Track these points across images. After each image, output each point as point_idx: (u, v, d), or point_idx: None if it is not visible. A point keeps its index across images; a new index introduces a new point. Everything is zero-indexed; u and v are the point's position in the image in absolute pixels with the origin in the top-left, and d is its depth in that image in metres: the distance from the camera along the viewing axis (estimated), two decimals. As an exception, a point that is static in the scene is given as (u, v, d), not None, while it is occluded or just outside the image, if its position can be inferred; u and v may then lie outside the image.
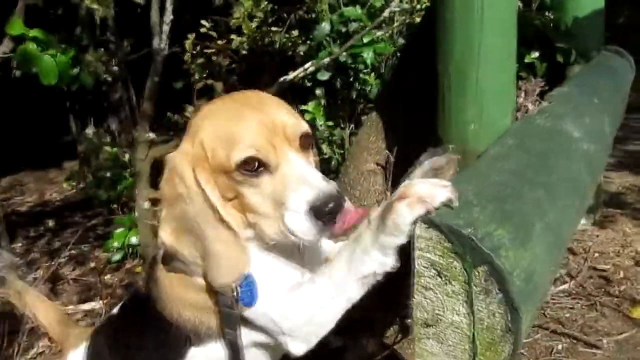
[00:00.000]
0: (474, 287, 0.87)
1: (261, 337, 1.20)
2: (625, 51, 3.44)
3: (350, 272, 1.04)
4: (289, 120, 1.12)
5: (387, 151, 1.88)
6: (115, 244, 4.26)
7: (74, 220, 5.75)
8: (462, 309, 0.89)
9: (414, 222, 0.92)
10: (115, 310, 1.47)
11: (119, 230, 4.33)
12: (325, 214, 1.03)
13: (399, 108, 1.93)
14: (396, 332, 2.23)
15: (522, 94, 1.61)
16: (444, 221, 0.87)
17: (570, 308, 2.84)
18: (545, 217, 1.08)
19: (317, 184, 1.06)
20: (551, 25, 3.48)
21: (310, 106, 3.61)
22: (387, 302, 2.08)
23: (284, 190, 1.07)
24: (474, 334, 0.90)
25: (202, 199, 1.11)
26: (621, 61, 3.19)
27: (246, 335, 1.19)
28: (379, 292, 2.09)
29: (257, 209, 1.11)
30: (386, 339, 2.29)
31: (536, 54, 3.19)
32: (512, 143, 1.29)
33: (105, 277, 4.24)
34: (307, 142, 1.15)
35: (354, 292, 1.07)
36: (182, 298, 1.22)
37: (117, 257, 4.34)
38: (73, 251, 4.79)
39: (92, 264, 4.54)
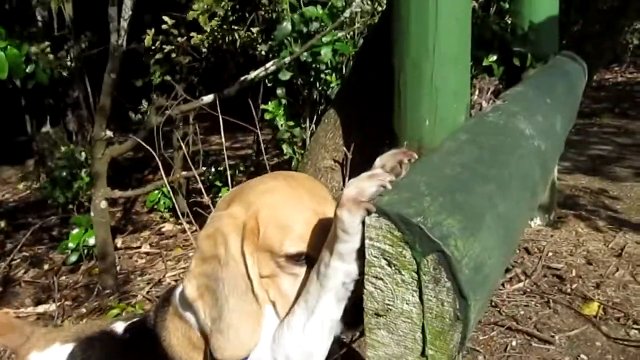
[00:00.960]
0: (423, 276, 0.88)
1: None
2: (578, 57, 3.55)
3: (321, 292, 1.04)
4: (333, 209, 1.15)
5: (344, 148, 1.88)
6: (71, 245, 4.15)
7: (28, 222, 5.58)
8: (412, 298, 0.90)
9: (362, 223, 0.93)
10: (117, 328, 1.41)
11: (75, 231, 4.23)
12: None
13: (357, 105, 1.94)
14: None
15: (477, 92, 1.64)
16: (394, 210, 0.87)
17: (525, 305, 2.90)
18: (496, 210, 1.10)
19: None
20: (508, 29, 3.57)
21: (270, 106, 3.60)
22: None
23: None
24: (423, 323, 0.90)
25: (240, 269, 1.12)
26: (575, 66, 3.29)
27: None
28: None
29: (286, 294, 1.13)
30: (344, 337, 2.29)
31: (494, 57, 3.27)
32: (465, 138, 1.31)
33: (61, 279, 4.13)
34: None
35: (332, 310, 1.06)
36: (183, 341, 1.23)
37: (73, 258, 4.23)
38: (26, 253, 4.66)
39: (47, 266, 4.41)
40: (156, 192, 5.12)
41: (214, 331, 1.12)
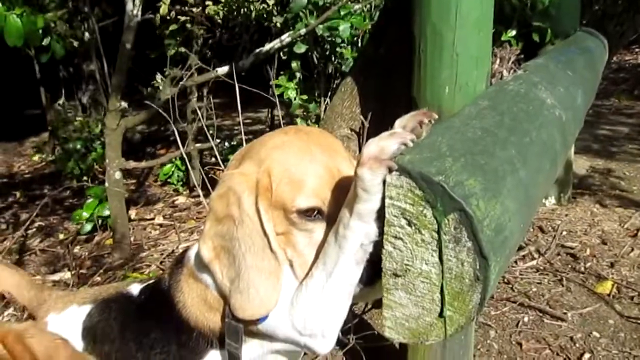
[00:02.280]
0: (444, 235, 0.87)
1: (279, 346, 1.20)
2: (599, 33, 3.48)
3: (339, 254, 1.03)
4: (350, 167, 1.13)
5: (361, 117, 1.86)
6: (85, 214, 4.19)
7: (43, 193, 5.63)
8: (432, 259, 0.89)
9: (383, 182, 0.91)
10: (132, 290, 1.42)
11: (89, 201, 4.26)
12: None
13: (374, 74, 1.91)
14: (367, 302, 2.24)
15: (497, 61, 1.61)
16: (415, 168, 0.86)
17: (538, 283, 2.90)
18: (517, 174, 1.08)
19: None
20: (528, 4, 3.50)
21: (281, 80, 3.57)
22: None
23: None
24: (442, 284, 0.90)
25: (256, 226, 1.11)
26: (596, 42, 3.22)
27: (264, 345, 1.21)
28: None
29: (302, 252, 1.11)
30: (356, 308, 2.30)
31: (513, 33, 3.22)
32: (486, 104, 1.29)
33: (75, 249, 4.18)
34: None
35: (351, 273, 1.05)
36: (198, 302, 1.22)
37: (87, 227, 4.27)
38: (42, 223, 4.72)
39: (62, 236, 4.46)
40: (169, 165, 5.14)
41: (233, 291, 1.12)
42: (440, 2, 1.40)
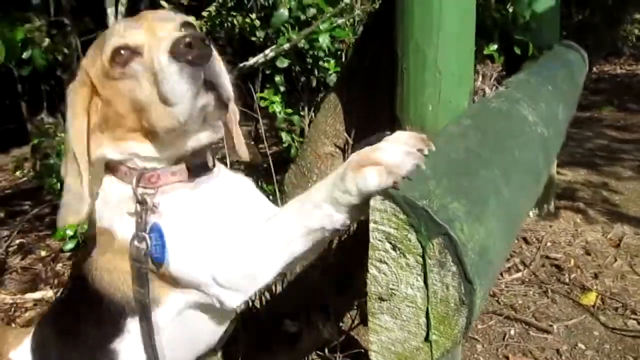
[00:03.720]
0: (429, 259, 0.86)
1: (195, 296, 1.14)
2: (579, 47, 3.53)
3: (297, 225, 1.00)
4: (165, 13, 1.13)
5: (345, 134, 1.86)
6: (69, 232, 4.12)
7: (24, 209, 5.54)
8: (417, 283, 0.88)
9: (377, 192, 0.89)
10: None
11: (71, 218, 4.20)
12: (183, 51, 0.98)
13: (357, 91, 1.91)
14: (353, 317, 2.23)
15: (480, 78, 1.62)
16: (399, 192, 0.86)
17: (523, 295, 2.90)
18: (500, 195, 1.09)
19: (174, 36, 1.02)
20: (510, 18, 3.54)
21: (266, 93, 3.57)
22: (343, 288, 2.08)
23: (150, 61, 1.03)
24: (428, 308, 0.89)
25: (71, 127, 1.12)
26: (576, 55, 3.27)
27: (179, 297, 1.15)
28: (335, 278, 2.09)
29: (140, 101, 1.07)
30: (343, 324, 2.29)
31: (495, 46, 3.24)
32: (468, 123, 1.29)
33: (58, 266, 4.11)
34: (189, 27, 1.13)
35: (299, 246, 1.03)
36: (109, 258, 1.17)
37: (70, 245, 4.19)
38: (23, 240, 4.64)
39: (44, 253, 4.39)
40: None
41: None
42: (423, 19, 1.40)
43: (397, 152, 0.89)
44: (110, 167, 1.19)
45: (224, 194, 1.21)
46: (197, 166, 1.18)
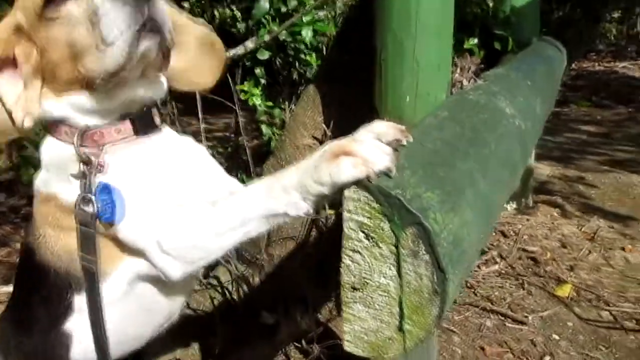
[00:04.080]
0: (402, 249, 0.86)
1: (143, 265, 1.08)
2: (559, 42, 3.57)
3: (260, 206, 0.97)
4: None
5: (324, 125, 1.86)
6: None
7: (0, 201, 5.45)
8: (390, 272, 0.88)
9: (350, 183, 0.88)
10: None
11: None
12: None
13: (336, 83, 1.91)
14: (330, 309, 2.24)
15: (458, 70, 1.62)
16: (373, 183, 0.85)
17: (500, 287, 2.94)
18: (476, 186, 1.09)
19: None
20: (490, 13, 3.56)
21: (246, 85, 3.54)
22: (320, 279, 2.08)
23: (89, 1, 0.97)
24: (401, 297, 0.89)
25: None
26: (555, 51, 3.30)
27: (128, 266, 1.09)
28: (312, 269, 2.09)
29: (78, 45, 1.00)
30: (320, 315, 2.29)
31: (475, 41, 3.26)
32: (446, 115, 1.30)
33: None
34: None
35: (256, 228, 1.00)
36: (53, 224, 1.11)
37: (45, 237, 4.14)
38: (-2, 232, 4.56)
39: (18, 245, 4.32)
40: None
41: None
42: (401, 10, 1.40)
43: (373, 147, 0.88)
44: (49, 127, 1.12)
45: (174, 155, 1.15)
46: (142, 124, 1.12)
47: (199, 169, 1.19)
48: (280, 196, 0.95)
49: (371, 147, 0.88)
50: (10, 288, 3.58)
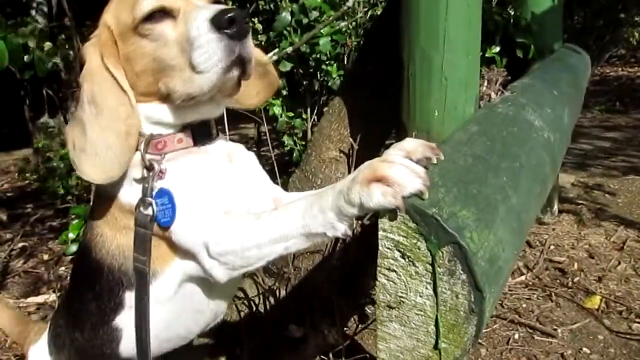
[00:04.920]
0: (438, 268, 0.86)
1: (192, 266, 1.13)
2: (581, 49, 3.54)
3: (300, 225, 0.99)
4: None
5: (350, 139, 1.86)
6: (71, 235, 4.12)
7: (26, 212, 5.55)
8: (426, 291, 0.88)
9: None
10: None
11: (75, 222, 4.19)
12: (226, 22, 1.00)
13: (362, 96, 1.92)
14: (357, 322, 2.23)
15: (485, 83, 1.62)
16: (409, 201, 0.86)
17: (527, 299, 2.90)
18: (509, 202, 1.09)
19: (216, 7, 1.03)
20: (511, 21, 3.54)
21: (268, 96, 3.57)
22: (347, 292, 2.07)
23: (184, 27, 1.04)
24: (437, 316, 0.89)
25: (106, 84, 1.09)
26: (579, 59, 3.27)
27: (179, 267, 1.14)
28: (339, 282, 2.09)
29: (165, 62, 1.07)
30: (347, 329, 2.28)
31: (497, 49, 3.24)
32: (475, 129, 1.29)
33: (60, 270, 4.11)
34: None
35: (296, 245, 1.03)
36: (112, 224, 1.16)
37: (72, 248, 4.18)
38: (25, 243, 4.64)
39: (46, 256, 4.39)
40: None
41: (78, 151, 1.09)
42: (429, 26, 1.40)
43: (404, 169, 0.88)
44: None
45: (226, 163, 1.21)
46: (201, 134, 1.19)
47: (247, 176, 1.24)
48: (318, 216, 0.97)
49: (402, 170, 0.88)
50: (38, 299, 3.63)
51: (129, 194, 1.14)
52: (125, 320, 1.20)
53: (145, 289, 1.12)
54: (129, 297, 1.17)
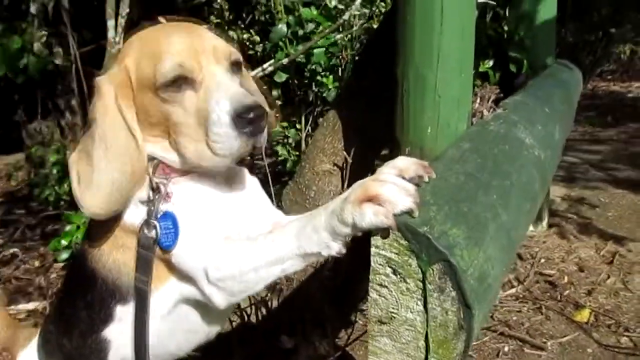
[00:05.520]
0: (429, 285, 0.88)
1: (189, 290, 1.15)
2: (574, 65, 3.58)
3: (295, 246, 1.01)
4: (219, 43, 1.14)
5: (344, 152, 1.88)
6: (63, 242, 4.11)
7: (19, 218, 5.52)
8: (417, 307, 0.90)
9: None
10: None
11: (67, 228, 4.18)
12: (246, 123, 1.04)
13: (356, 109, 1.94)
14: (348, 333, 2.24)
15: (478, 100, 1.64)
16: (400, 219, 0.88)
17: (517, 311, 2.92)
18: (499, 220, 1.11)
19: (238, 97, 1.06)
20: (504, 36, 3.59)
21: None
22: (339, 303, 2.09)
23: (205, 104, 1.07)
24: (427, 332, 0.91)
25: (117, 123, 1.10)
26: (571, 75, 3.31)
27: (175, 287, 1.16)
28: (331, 293, 2.10)
29: (180, 128, 1.10)
30: (338, 340, 2.30)
31: (490, 63, 3.29)
32: (467, 147, 1.32)
33: (52, 276, 4.09)
34: (238, 66, 1.17)
35: (293, 266, 1.04)
36: (110, 240, 1.18)
37: (64, 255, 4.17)
38: (16, 249, 4.61)
39: (38, 263, 4.37)
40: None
41: (82, 184, 1.10)
42: (423, 45, 1.43)
43: (395, 188, 0.90)
44: None
45: (229, 188, 1.23)
46: None
47: (249, 202, 1.26)
48: (312, 236, 0.98)
49: (393, 188, 0.90)
50: (29, 306, 3.62)
51: (134, 214, 1.15)
52: (114, 333, 1.20)
53: (146, 308, 1.13)
54: (120, 310, 1.18)
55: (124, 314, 1.18)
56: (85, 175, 1.10)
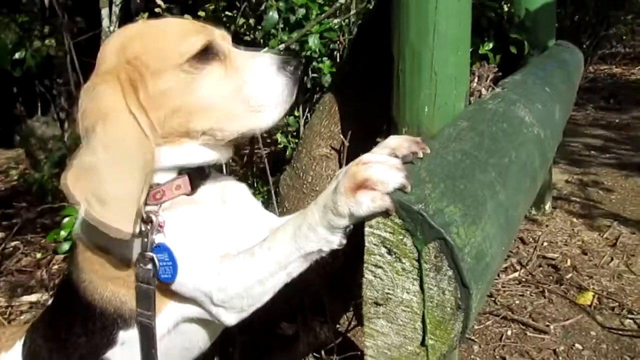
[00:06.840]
0: (425, 264, 0.85)
1: (191, 310, 1.13)
2: (575, 46, 3.54)
3: (294, 249, 0.99)
4: (218, 29, 1.15)
5: (340, 135, 1.85)
6: (63, 233, 4.10)
7: (19, 211, 5.52)
8: (413, 287, 0.88)
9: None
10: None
11: (67, 220, 4.17)
12: (290, 68, 1.08)
13: (352, 92, 1.91)
14: (349, 319, 2.23)
15: (476, 79, 1.61)
16: (394, 197, 0.85)
17: (520, 295, 2.90)
18: (497, 198, 1.08)
19: (273, 55, 1.10)
20: (505, 17, 3.54)
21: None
22: (339, 289, 2.07)
23: (241, 67, 1.07)
24: (424, 312, 0.88)
25: (126, 122, 1.01)
26: (572, 55, 3.27)
27: (175, 310, 1.14)
28: (332, 279, 2.08)
29: (211, 99, 1.07)
30: (339, 326, 2.28)
31: (490, 45, 3.24)
32: (465, 125, 1.29)
33: (53, 268, 4.09)
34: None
35: (297, 268, 1.03)
36: (101, 274, 1.14)
37: (65, 247, 4.16)
38: (17, 242, 4.61)
39: (39, 255, 4.36)
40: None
41: (100, 207, 0.97)
42: (419, 22, 1.40)
43: (383, 167, 0.88)
44: None
45: (220, 204, 1.20)
46: (197, 177, 1.17)
47: (241, 213, 1.24)
48: (309, 234, 0.97)
49: (381, 167, 0.88)
50: (31, 298, 3.61)
51: (124, 245, 1.08)
52: (117, 356, 1.19)
53: (152, 342, 1.12)
54: (123, 335, 1.16)
55: (128, 337, 1.16)
56: (98, 194, 0.98)
